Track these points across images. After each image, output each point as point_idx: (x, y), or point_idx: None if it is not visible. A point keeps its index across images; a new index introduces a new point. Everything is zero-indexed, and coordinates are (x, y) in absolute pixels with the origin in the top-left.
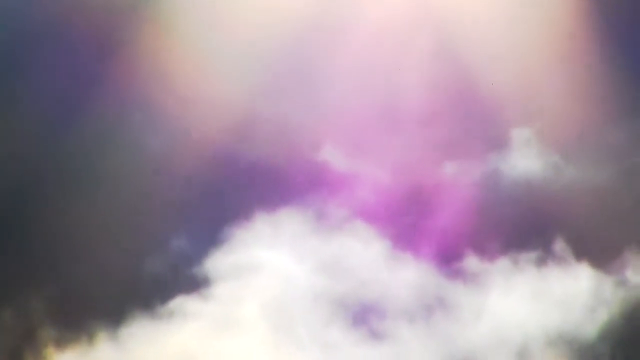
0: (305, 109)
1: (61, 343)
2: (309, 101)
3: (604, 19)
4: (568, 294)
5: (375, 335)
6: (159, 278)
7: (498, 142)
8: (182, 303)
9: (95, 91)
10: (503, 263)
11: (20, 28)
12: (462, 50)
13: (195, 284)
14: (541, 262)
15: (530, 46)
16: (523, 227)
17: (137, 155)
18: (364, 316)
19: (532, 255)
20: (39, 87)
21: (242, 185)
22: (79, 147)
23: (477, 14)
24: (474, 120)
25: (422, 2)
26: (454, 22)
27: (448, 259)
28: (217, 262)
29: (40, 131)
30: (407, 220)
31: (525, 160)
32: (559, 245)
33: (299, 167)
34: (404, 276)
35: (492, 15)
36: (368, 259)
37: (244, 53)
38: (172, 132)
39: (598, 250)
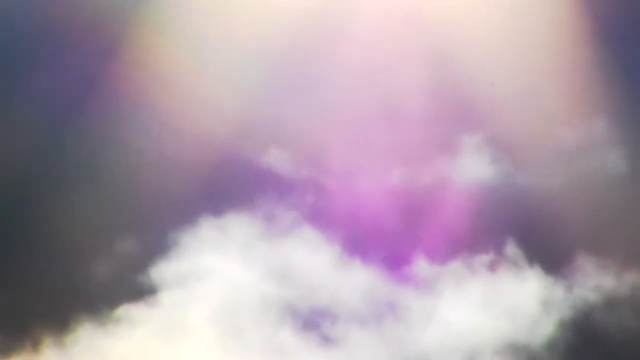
0: (252, 113)
1: (5, 350)
2: (256, 105)
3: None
4: (519, 298)
5: (326, 340)
6: (106, 284)
7: (449, 148)
8: (129, 309)
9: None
10: (454, 267)
11: (16, 30)
12: (414, 58)
13: (142, 290)
14: (493, 266)
15: (480, 52)
16: (474, 231)
17: (85, 162)
18: (314, 321)
19: (484, 259)
20: (31, 88)
21: (189, 189)
22: (26, 150)
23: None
24: (424, 126)
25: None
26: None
27: (398, 263)
28: (164, 268)
29: None
30: (356, 225)
31: (475, 165)
32: (511, 249)
33: (246, 171)
34: (354, 281)
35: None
36: (317, 264)
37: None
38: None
39: (549, 254)
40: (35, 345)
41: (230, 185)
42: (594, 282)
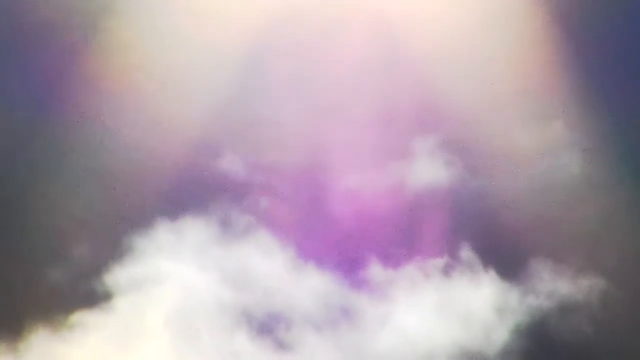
0: (208, 118)
1: None
2: (212, 111)
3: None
4: (474, 303)
5: (281, 345)
6: (60, 290)
7: (404, 152)
8: (83, 315)
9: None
10: (408, 271)
11: None
12: (369, 63)
13: (96, 295)
14: (447, 270)
15: (436, 56)
16: (429, 235)
17: (38, 167)
18: (269, 325)
19: (438, 263)
20: None
21: (144, 194)
22: None
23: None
24: (379, 130)
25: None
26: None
27: (352, 267)
28: (119, 273)
29: None
30: (310, 230)
31: (430, 170)
32: (466, 254)
33: (201, 175)
34: (309, 285)
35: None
36: (272, 268)
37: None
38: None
39: (504, 259)
40: None
41: (185, 190)
42: (549, 287)
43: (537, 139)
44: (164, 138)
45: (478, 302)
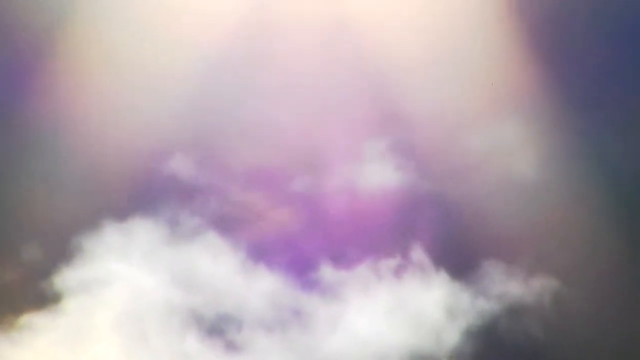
0: (156, 118)
1: None
2: (160, 110)
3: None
4: (425, 305)
5: (231, 347)
6: (8, 291)
7: (354, 154)
8: (31, 317)
9: None
10: (360, 272)
11: None
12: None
13: (45, 297)
14: (399, 271)
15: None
16: (380, 236)
17: None
18: (219, 327)
19: (390, 264)
20: None
21: (92, 194)
22: None
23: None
24: (329, 132)
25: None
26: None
27: (303, 268)
28: (67, 275)
29: None
30: (260, 231)
31: (381, 171)
32: (417, 255)
33: (149, 176)
34: (259, 287)
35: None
36: (222, 269)
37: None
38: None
39: (456, 260)
40: None
41: (134, 191)
42: (501, 288)
43: (489, 140)
44: (113, 139)
45: (429, 304)
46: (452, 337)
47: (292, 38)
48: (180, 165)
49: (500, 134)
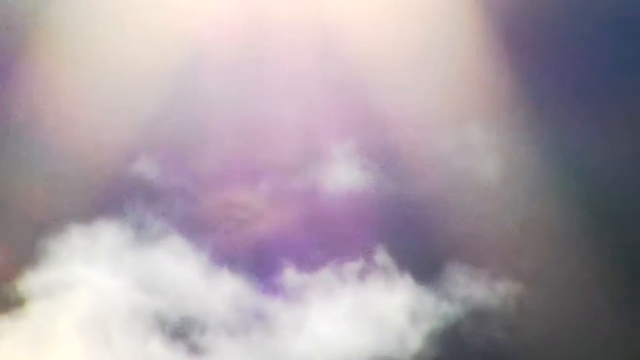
0: (122, 120)
1: None
2: (126, 112)
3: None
4: (389, 308)
5: (194, 349)
6: None
7: (319, 155)
8: None
9: None
10: (324, 275)
11: None
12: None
13: (9, 301)
14: (363, 274)
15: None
16: (344, 239)
17: None
18: (182, 330)
19: (354, 267)
20: None
21: (57, 196)
22: None
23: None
24: (294, 133)
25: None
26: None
27: (266, 272)
28: (31, 278)
29: None
30: (224, 233)
31: (345, 173)
32: (381, 258)
33: (115, 178)
34: (222, 290)
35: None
36: (186, 272)
37: None
38: None
39: (420, 263)
40: None
41: (99, 193)
42: (465, 292)
43: (454, 142)
44: (78, 140)
45: (393, 307)
46: (415, 340)
47: (260, 42)
48: (146, 168)
49: (466, 136)
